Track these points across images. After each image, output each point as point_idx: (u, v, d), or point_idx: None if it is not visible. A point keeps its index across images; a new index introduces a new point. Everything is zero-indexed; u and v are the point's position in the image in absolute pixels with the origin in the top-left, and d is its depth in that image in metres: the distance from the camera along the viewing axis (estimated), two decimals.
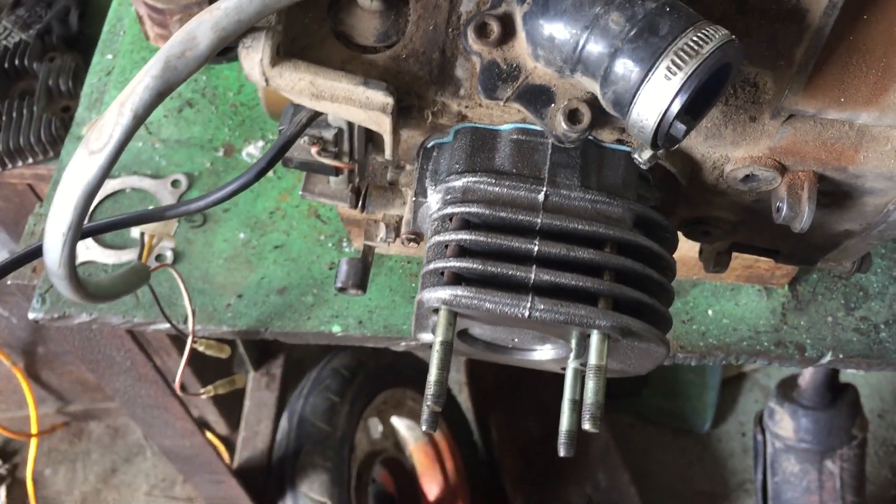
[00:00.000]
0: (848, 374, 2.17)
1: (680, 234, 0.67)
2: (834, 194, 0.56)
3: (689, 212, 0.62)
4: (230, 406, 2.01)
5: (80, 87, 1.10)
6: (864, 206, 0.57)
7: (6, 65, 1.19)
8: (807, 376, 1.61)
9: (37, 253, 0.55)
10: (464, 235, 0.52)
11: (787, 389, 1.66)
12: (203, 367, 1.69)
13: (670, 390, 2.15)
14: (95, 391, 1.91)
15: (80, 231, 0.50)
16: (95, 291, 0.58)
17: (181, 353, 1.12)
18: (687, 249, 0.83)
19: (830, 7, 0.47)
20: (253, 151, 0.96)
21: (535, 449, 1.93)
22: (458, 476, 1.93)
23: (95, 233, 0.64)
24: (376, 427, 1.85)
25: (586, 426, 0.51)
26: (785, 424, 1.71)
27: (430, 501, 1.93)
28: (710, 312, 0.86)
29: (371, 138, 0.59)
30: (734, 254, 0.82)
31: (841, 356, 0.83)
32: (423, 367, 1.91)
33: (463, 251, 0.52)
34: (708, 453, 2.10)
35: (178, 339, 1.22)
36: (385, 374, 1.75)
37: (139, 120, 0.47)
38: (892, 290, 0.86)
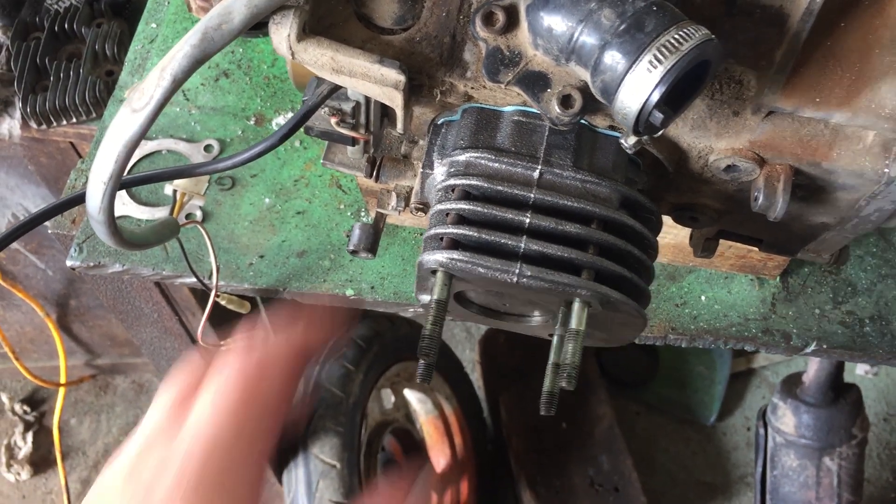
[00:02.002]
0: (856, 377, 2.20)
1: (670, 219, 0.72)
2: (809, 188, 0.61)
3: (677, 198, 0.66)
4: None
5: (124, 53, 1.17)
6: (838, 200, 0.62)
7: (56, 28, 1.25)
8: (811, 374, 1.64)
9: (80, 199, 0.60)
10: (463, 205, 0.57)
11: (790, 386, 1.69)
12: (223, 322, 1.76)
13: (678, 381, 2.19)
14: (123, 346, 1.99)
15: (119, 181, 0.55)
16: (129, 238, 0.64)
17: (204, 309, 1.19)
18: (684, 236, 0.87)
19: (807, 14, 0.51)
20: (282, 121, 1.02)
21: (542, 429, 1.99)
22: (465, 451, 1.99)
23: (133, 184, 0.70)
24: (389, 398, 1.91)
25: (562, 384, 0.56)
26: (787, 420, 1.74)
27: (437, 473, 1.99)
28: (703, 298, 0.90)
29: (386, 113, 0.65)
30: (730, 244, 0.87)
31: (825, 346, 0.87)
32: None
33: (462, 219, 0.58)
34: (712, 445, 2.14)
35: (202, 299, 1.29)
36: (400, 347, 1.80)
37: (177, 83, 0.52)
38: (880, 288, 0.90)
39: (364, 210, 0.96)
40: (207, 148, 0.99)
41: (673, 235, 0.87)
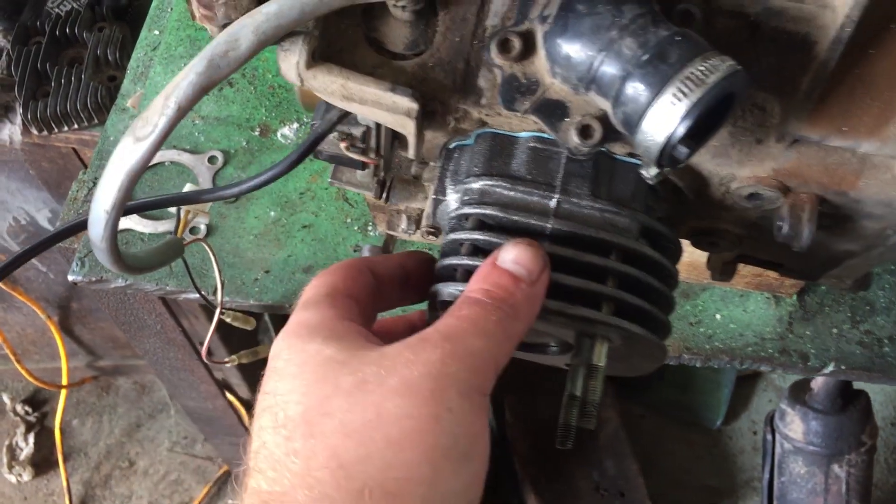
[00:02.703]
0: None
1: (689, 242, 0.70)
2: (834, 216, 0.59)
3: (697, 223, 0.64)
4: (253, 371, 2.07)
5: (126, 58, 1.15)
6: (864, 229, 0.60)
7: (57, 32, 1.23)
8: (819, 380, 1.62)
9: (81, 226, 0.59)
10: (478, 235, 0.55)
11: (799, 392, 1.67)
12: (229, 335, 1.74)
13: (684, 384, 2.17)
14: (125, 348, 1.98)
15: (122, 210, 0.54)
16: (133, 263, 0.62)
17: (209, 319, 1.17)
18: (699, 254, 0.85)
19: (836, 42, 0.49)
20: (287, 133, 1.00)
21: (547, 433, 1.97)
22: None
23: (136, 211, 0.68)
24: None
25: (583, 422, 0.55)
26: (795, 426, 1.72)
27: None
28: (718, 316, 0.88)
29: (397, 136, 0.63)
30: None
31: (843, 367, 0.85)
32: None
33: (477, 250, 0.56)
34: (717, 449, 2.13)
35: (206, 306, 1.27)
36: None
37: (182, 112, 0.50)
38: None
39: (371, 224, 0.94)
40: (211, 160, 0.98)
41: (688, 253, 0.85)
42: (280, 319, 1.94)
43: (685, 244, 0.82)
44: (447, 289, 0.55)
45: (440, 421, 0.43)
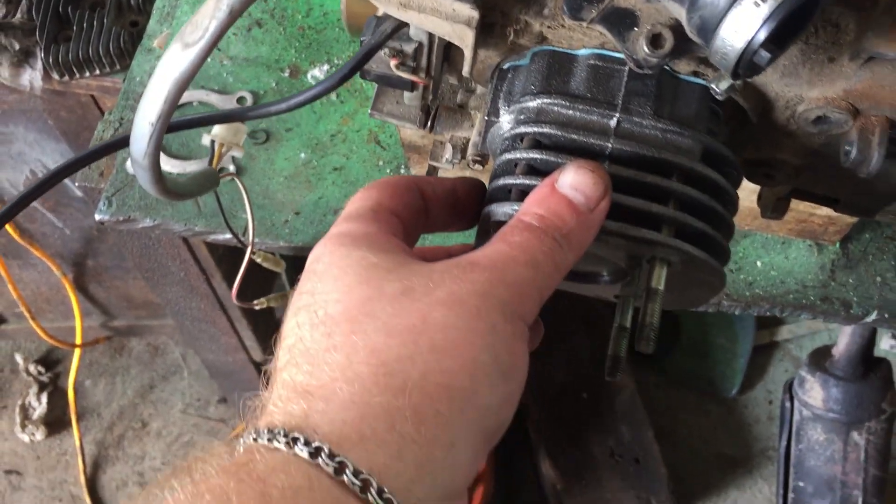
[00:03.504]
0: (881, 351, 2.16)
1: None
2: None
3: (755, 153, 0.62)
4: (266, 332, 2.06)
5: (149, 3, 1.12)
6: None
7: None
8: (841, 347, 1.61)
9: (122, 143, 0.57)
10: (535, 154, 0.53)
11: (819, 359, 1.66)
12: (244, 288, 1.73)
13: (700, 354, 2.16)
14: (139, 308, 1.97)
15: (168, 122, 0.52)
16: (172, 188, 0.60)
17: (228, 278, 1.15)
18: (742, 199, 0.83)
19: None
20: (318, 74, 0.97)
21: (562, 399, 1.96)
22: None
23: (177, 129, 0.66)
24: None
25: (642, 346, 0.53)
26: (814, 393, 1.71)
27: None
28: (758, 263, 0.86)
29: (447, 57, 0.61)
30: (791, 208, 0.83)
31: (886, 315, 0.84)
32: None
33: (532, 170, 0.54)
34: (733, 418, 2.12)
35: (227, 262, 1.25)
36: None
37: (234, 15, 0.48)
38: None
39: (404, 167, 0.92)
40: (240, 100, 0.95)
41: None
42: (292, 269, 1.92)
43: None
44: (501, 208, 0.53)
45: (484, 336, 0.43)
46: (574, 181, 0.49)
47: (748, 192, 0.79)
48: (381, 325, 0.42)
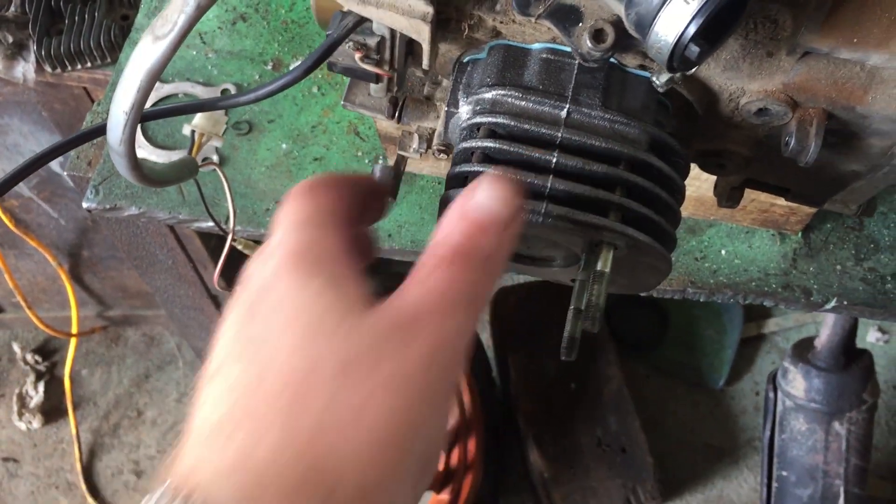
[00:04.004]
0: (867, 343, 2.19)
1: (692, 172, 0.70)
2: (841, 133, 0.59)
3: (705, 144, 0.65)
4: None
5: None
6: (870, 147, 0.60)
7: None
8: (823, 338, 1.63)
9: (101, 130, 0.60)
10: (489, 143, 0.56)
11: (802, 350, 1.69)
12: (235, 277, 1.76)
13: (688, 345, 2.19)
14: (135, 298, 2.00)
15: (141, 111, 0.55)
16: (149, 174, 0.63)
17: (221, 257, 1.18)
18: (706, 189, 0.86)
19: None
20: None
21: (551, 389, 1.99)
22: (474, 409, 2.00)
23: (154, 117, 0.69)
24: None
25: (587, 325, 0.56)
26: (797, 384, 1.74)
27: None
28: (723, 252, 0.89)
29: (411, 51, 0.63)
30: (752, 197, 0.85)
31: (845, 303, 0.86)
32: None
33: (487, 158, 0.57)
34: (720, 409, 2.15)
35: (216, 251, 1.28)
36: None
37: (202, 10, 0.51)
38: None
39: (382, 157, 0.95)
40: (224, 92, 0.98)
41: (695, 188, 0.86)
42: None
43: (694, 179, 0.83)
44: (458, 194, 0.56)
45: (417, 429, 0.40)
46: (483, 200, 0.45)
47: (710, 185, 0.82)
48: (316, 420, 0.39)
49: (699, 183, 0.85)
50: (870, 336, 2.23)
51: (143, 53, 0.53)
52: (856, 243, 0.89)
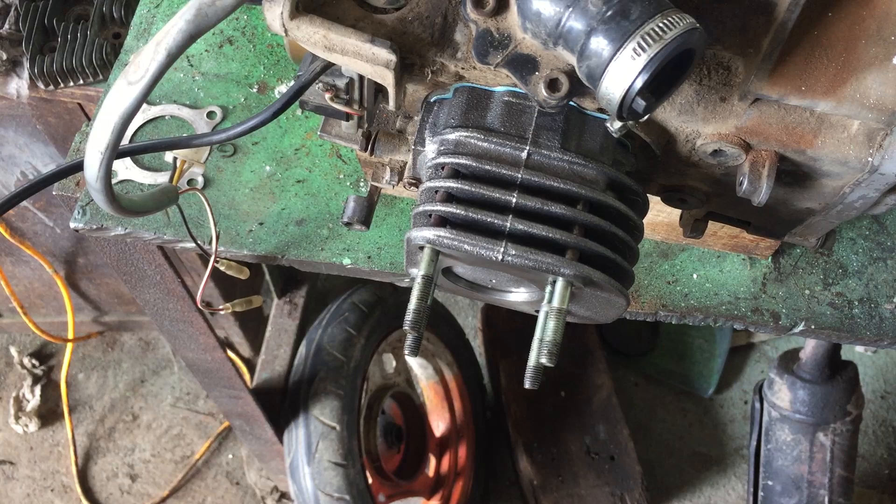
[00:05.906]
0: (855, 354, 2.21)
1: (659, 200, 0.73)
2: (794, 174, 0.61)
3: (666, 180, 0.67)
4: (254, 330, 2.11)
5: (131, 15, 1.17)
6: (823, 187, 0.62)
7: None
8: (808, 350, 1.65)
9: (78, 167, 0.62)
10: (452, 183, 0.59)
11: (787, 361, 1.71)
12: (231, 290, 1.79)
13: (678, 353, 2.21)
14: (130, 304, 2.02)
15: (115, 151, 0.57)
16: (127, 206, 0.66)
17: (213, 279, 1.20)
18: (677, 215, 0.88)
19: (794, 3, 0.52)
20: (284, 90, 1.02)
21: (541, 397, 2.01)
22: (464, 416, 2.02)
23: (130, 154, 0.71)
24: (390, 362, 1.94)
25: (543, 360, 0.58)
26: (782, 395, 1.76)
27: (436, 437, 2.02)
28: (694, 276, 0.91)
29: (380, 89, 0.65)
30: (724, 225, 0.87)
31: (813, 327, 0.88)
32: (439, 310, 1.99)
33: (450, 197, 0.59)
34: (709, 417, 2.17)
35: (206, 264, 1.30)
36: (402, 312, 1.80)
37: (172, 58, 0.53)
38: (871, 270, 0.90)
39: (363, 180, 0.97)
40: (210, 115, 1.00)
41: (667, 214, 0.88)
42: (280, 275, 1.97)
43: (662, 207, 0.85)
44: (420, 233, 0.58)
45: None
46: None
47: (679, 210, 0.84)
48: None
49: (671, 209, 0.87)
50: (858, 346, 2.24)
51: (117, 98, 0.55)
52: (824, 268, 0.91)
